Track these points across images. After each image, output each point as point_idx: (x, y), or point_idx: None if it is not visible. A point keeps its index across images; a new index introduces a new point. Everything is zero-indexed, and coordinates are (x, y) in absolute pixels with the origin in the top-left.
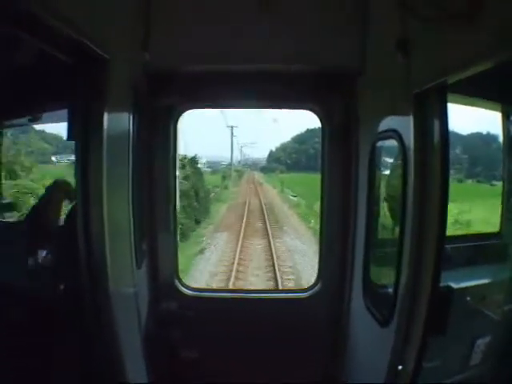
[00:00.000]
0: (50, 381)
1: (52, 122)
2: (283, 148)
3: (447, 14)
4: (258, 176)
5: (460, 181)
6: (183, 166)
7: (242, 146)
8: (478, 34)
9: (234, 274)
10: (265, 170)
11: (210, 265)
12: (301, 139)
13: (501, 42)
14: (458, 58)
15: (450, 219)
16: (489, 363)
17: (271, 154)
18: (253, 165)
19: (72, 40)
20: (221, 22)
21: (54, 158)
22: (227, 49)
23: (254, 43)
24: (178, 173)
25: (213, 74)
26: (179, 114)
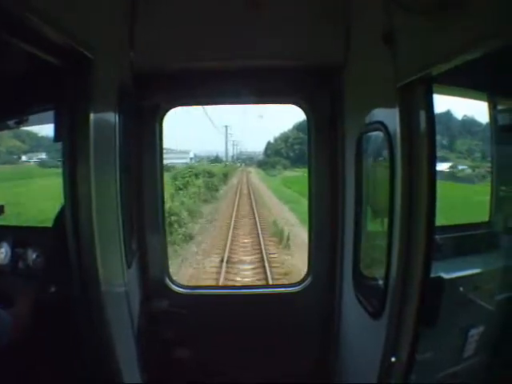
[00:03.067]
0: (43, 383)
1: (39, 123)
2: (284, 138)
3: (433, 4)
4: (257, 180)
5: None
6: None
7: (226, 126)
8: (463, 24)
9: None
10: (263, 165)
11: None
12: (305, 127)
13: (487, 31)
14: (443, 48)
15: None
16: (483, 353)
17: (269, 145)
18: (247, 159)
19: (57, 41)
20: (206, 21)
21: (24, 158)
22: (212, 47)
23: (238, 41)
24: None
25: (199, 72)
26: (165, 112)
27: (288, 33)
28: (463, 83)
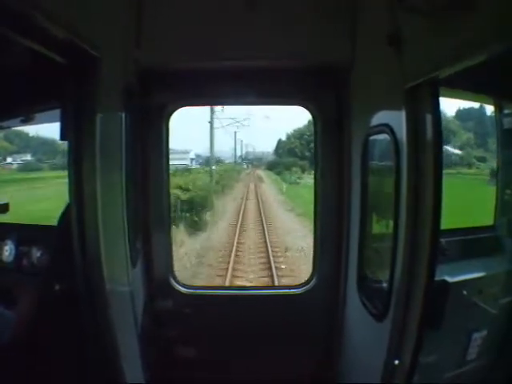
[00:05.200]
0: (46, 381)
1: (45, 122)
2: (298, 135)
3: (440, 6)
4: (276, 197)
5: None
6: None
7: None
8: (469, 26)
9: None
10: (275, 167)
11: None
12: None
13: (494, 33)
14: (450, 51)
15: None
16: (485, 357)
17: (280, 143)
18: (255, 159)
19: (63, 39)
20: (212, 21)
21: (9, 159)
22: (218, 47)
23: (244, 41)
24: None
25: (205, 72)
26: (171, 112)
27: (294, 33)
28: (469, 86)
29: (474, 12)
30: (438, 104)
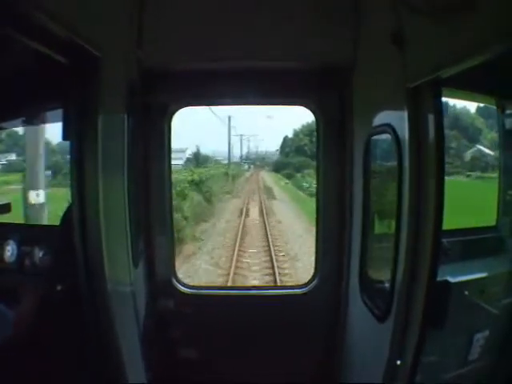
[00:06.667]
0: (48, 381)
1: (46, 122)
2: (307, 131)
3: (442, 6)
4: None
5: None
6: None
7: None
8: (471, 26)
9: None
10: (282, 168)
11: None
12: None
13: (494, 33)
14: (452, 51)
15: None
16: (488, 358)
17: (287, 141)
18: (258, 159)
19: (66, 39)
20: (212, 21)
21: None
22: (219, 47)
23: (245, 41)
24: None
25: (206, 72)
26: (173, 112)
27: (297, 34)
28: (471, 86)
29: (474, 12)
30: (440, 104)
